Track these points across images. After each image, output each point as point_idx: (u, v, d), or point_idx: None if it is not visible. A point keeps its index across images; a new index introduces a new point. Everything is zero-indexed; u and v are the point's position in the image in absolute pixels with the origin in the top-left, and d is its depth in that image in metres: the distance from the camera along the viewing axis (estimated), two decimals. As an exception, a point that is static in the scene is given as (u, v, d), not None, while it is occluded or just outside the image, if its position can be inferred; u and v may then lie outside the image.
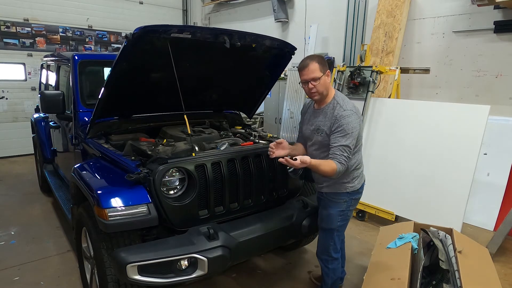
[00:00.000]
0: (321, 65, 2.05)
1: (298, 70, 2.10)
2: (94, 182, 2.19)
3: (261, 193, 2.50)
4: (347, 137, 1.99)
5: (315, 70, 2.03)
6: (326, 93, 2.12)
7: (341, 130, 2.00)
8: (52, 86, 4.01)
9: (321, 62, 2.06)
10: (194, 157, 2.21)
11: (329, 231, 2.27)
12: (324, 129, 2.09)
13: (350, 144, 2.00)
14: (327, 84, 2.10)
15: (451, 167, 3.45)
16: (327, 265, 2.36)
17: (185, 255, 1.92)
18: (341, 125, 2.00)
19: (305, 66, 2.05)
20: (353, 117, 2.04)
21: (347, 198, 2.20)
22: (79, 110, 3.03)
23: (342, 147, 1.99)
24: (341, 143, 1.99)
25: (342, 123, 2.00)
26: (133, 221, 1.96)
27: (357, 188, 2.22)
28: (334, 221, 2.22)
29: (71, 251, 3.24)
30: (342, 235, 2.38)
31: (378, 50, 4.91)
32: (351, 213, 2.31)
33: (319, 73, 2.04)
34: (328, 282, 2.39)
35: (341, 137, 2.00)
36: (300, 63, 2.10)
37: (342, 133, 2.00)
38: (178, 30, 2.23)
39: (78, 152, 3.03)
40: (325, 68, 2.07)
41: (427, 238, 2.58)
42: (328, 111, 2.10)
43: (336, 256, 2.34)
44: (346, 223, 2.32)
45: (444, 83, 4.64)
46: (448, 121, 3.53)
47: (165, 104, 2.91)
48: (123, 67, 2.31)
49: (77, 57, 3.17)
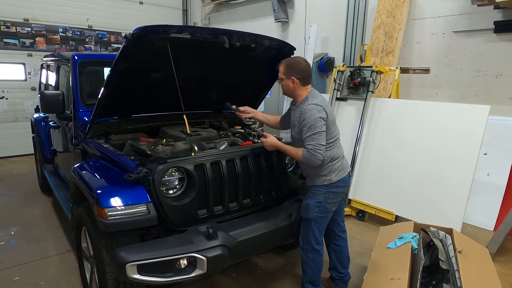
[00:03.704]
0: (287, 69, 2.29)
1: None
2: (94, 181, 2.20)
3: (260, 192, 2.51)
4: (311, 129, 2.16)
5: (280, 71, 2.33)
6: (291, 95, 2.36)
7: (304, 123, 2.19)
8: (52, 86, 4.02)
9: (288, 67, 2.29)
10: (193, 157, 2.22)
11: (307, 220, 2.37)
12: (296, 124, 2.31)
13: (314, 134, 2.15)
14: (289, 87, 2.32)
15: (451, 167, 3.45)
16: (307, 254, 2.41)
17: (184, 254, 1.93)
18: (304, 118, 2.19)
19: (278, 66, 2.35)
20: (314, 110, 2.19)
21: (324, 190, 2.32)
22: (79, 110, 3.04)
23: (307, 138, 2.17)
24: (307, 134, 2.18)
25: (305, 117, 2.19)
26: (132, 220, 1.97)
27: (334, 181, 2.31)
28: (311, 211, 2.33)
29: (71, 251, 3.25)
30: (322, 229, 2.40)
31: (378, 50, 4.91)
32: (330, 206, 2.36)
33: (282, 76, 2.31)
34: (308, 271, 2.43)
35: (306, 129, 2.18)
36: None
37: (306, 126, 2.18)
38: (177, 30, 2.24)
39: (78, 152, 3.03)
40: (291, 74, 2.27)
41: (427, 238, 2.59)
42: (299, 107, 2.31)
43: (317, 248, 2.38)
44: (326, 215, 2.38)
45: (444, 83, 4.64)
46: (448, 121, 3.54)
47: (165, 104, 2.91)
48: (122, 67, 2.32)
49: (77, 57, 3.18)
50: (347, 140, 4.09)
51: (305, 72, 2.29)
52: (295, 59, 2.33)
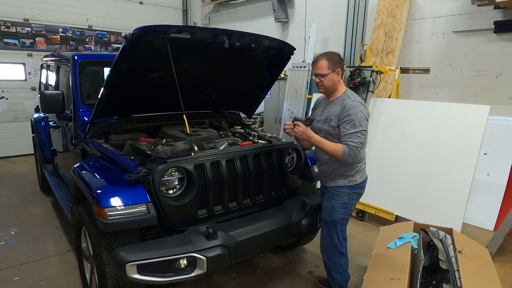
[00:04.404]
0: (330, 63, 2.19)
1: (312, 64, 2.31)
2: (94, 181, 2.20)
3: (260, 192, 2.51)
4: (356, 126, 2.10)
5: (322, 67, 2.20)
6: (333, 89, 2.26)
7: (349, 119, 2.11)
8: (52, 86, 4.02)
9: (331, 60, 2.20)
10: (193, 156, 2.22)
11: (332, 223, 2.33)
12: (333, 118, 2.21)
13: (358, 132, 2.09)
14: (334, 81, 2.23)
15: (451, 167, 3.45)
16: (333, 259, 2.38)
17: (184, 254, 1.93)
18: (349, 114, 2.12)
19: (315, 62, 2.24)
20: (361, 107, 2.15)
21: (349, 191, 2.28)
22: (79, 110, 3.04)
23: (351, 134, 2.09)
24: (350, 131, 2.10)
25: (350, 113, 2.12)
26: (132, 220, 1.97)
27: (359, 182, 2.29)
28: (337, 212, 2.29)
29: (71, 251, 3.25)
30: (344, 232, 2.39)
31: (378, 50, 4.91)
32: (353, 207, 2.37)
33: (326, 71, 2.20)
34: (337, 277, 2.40)
35: (350, 125, 2.10)
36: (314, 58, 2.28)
37: (350, 122, 2.11)
38: (177, 30, 2.24)
39: (77, 152, 3.03)
40: (336, 67, 2.21)
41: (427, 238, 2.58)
42: (338, 103, 2.23)
43: (343, 250, 2.37)
44: (348, 217, 2.37)
45: (444, 83, 4.64)
46: (448, 121, 3.54)
47: (165, 104, 2.92)
48: (122, 67, 2.32)
49: (77, 57, 3.18)
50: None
51: (343, 64, 2.28)
52: (330, 52, 2.27)
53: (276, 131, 6.00)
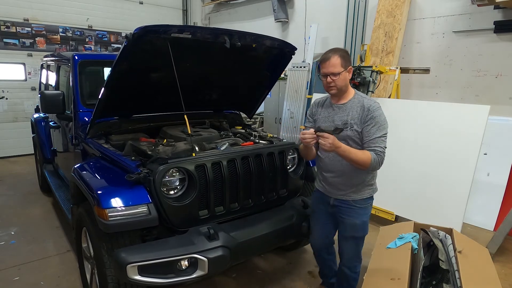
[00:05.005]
0: (343, 60, 1.96)
1: (320, 62, 2.01)
2: (94, 182, 2.19)
3: (261, 193, 2.50)
4: (381, 129, 1.95)
5: (336, 64, 1.95)
6: (346, 89, 2.05)
7: (375, 122, 1.94)
8: (52, 86, 4.01)
9: (344, 57, 1.98)
10: (194, 157, 2.21)
11: (362, 238, 2.22)
12: (354, 122, 1.99)
13: (383, 136, 1.95)
14: (347, 80, 2.02)
15: (451, 167, 3.44)
16: (356, 270, 2.31)
17: (185, 255, 1.92)
18: (374, 116, 1.94)
19: (327, 59, 1.96)
20: (381, 109, 2.00)
21: (371, 201, 2.18)
22: (79, 110, 3.03)
23: (377, 139, 1.93)
24: (376, 135, 1.93)
25: (375, 115, 1.94)
26: (133, 221, 1.96)
27: (376, 189, 2.19)
28: (366, 227, 2.18)
29: (71, 251, 3.24)
30: None
31: (378, 50, 4.91)
32: None
33: (340, 68, 1.95)
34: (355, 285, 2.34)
35: (375, 129, 1.94)
36: (323, 55, 2.01)
37: (376, 125, 1.94)
38: (178, 30, 2.23)
39: (78, 152, 3.02)
40: (348, 64, 1.99)
41: (427, 238, 2.58)
42: (355, 105, 2.02)
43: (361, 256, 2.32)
44: None
45: (444, 83, 4.64)
46: (448, 121, 3.53)
47: (165, 104, 2.91)
48: (123, 67, 2.31)
49: (77, 57, 3.17)
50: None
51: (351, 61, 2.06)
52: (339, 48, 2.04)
53: (276, 131, 5.99)
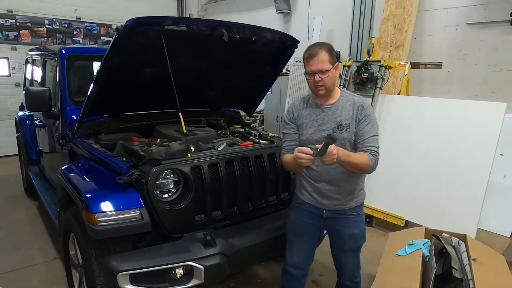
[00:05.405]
0: (331, 55, 1.92)
1: (305, 59, 1.95)
2: (83, 184, 2.20)
3: (261, 196, 2.51)
4: (375, 128, 1.95)
5: (324, 61, 1.88)
6: (333, 88, 2.00)
7: (369, 120, 1.94)
8: (37, 82, 4.02)
9: (331, 52, 1.93)
10: (189, 158, 2.22)
11: (360, 248, 2.21)
12: (349, 123, 1.95)
13: (376, 135, 1.95)
14: (335, 78, 1.99)
15: (465, 169, 3.44)
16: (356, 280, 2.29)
17: (180, 263, 1.93)
18: (368, 114, 1.94)
19: (314, 55, 1.88)
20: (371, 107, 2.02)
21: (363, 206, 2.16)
22: (67, 107, 3.03)
23: (371, 138, 1.92)
24: (371, 133, 1.92)
25: (368, 113, 1.94)
26: (124, 226, 1.97)
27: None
28: (364, 235, 2.16)
29: (57, 259, 3.24)
30: None
31: (387, 43, 4.91)
32: None
33: (328, 65, 1.89)
34: None
35: (369, 127, 1.93)
36: (307, 51, 1.94)
37: (370, 123, 1.93)
38: (172, 22, 2.24)
39: (65, 153, 3.03)
40: (334, 60, 1.94)
41: (439, 244, 2.58)
42: (345, 103, 1.99)
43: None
44: None
45: (458, 79, 4.64)
46: (462, 119, 3.53)
47: (159, 101, 2.92)
48: (113, 61, 2.31)
49: (65, 51, 3.17)
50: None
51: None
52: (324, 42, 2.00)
53: (278, 130, 6.00)
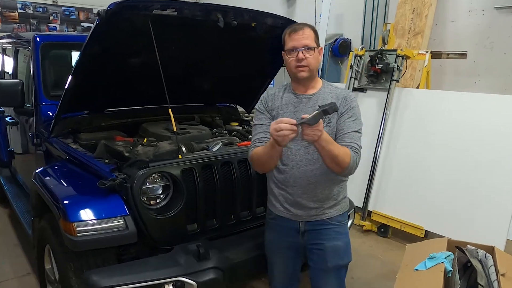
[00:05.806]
0: (316, 36, 1.95)
1: (286, 35, 1.94)
2: (60, 190, 2.21)
3: (261, 203, 2.50)
4: (358, 123, 1.95)
5: (309, 36, 1.90)
6: (315, 75, 2.02)
7: (352, 113, 1.93)
8: (8, 74, 4.02)
9: (316, 32, 1.97)
10: (180, 160, 2.23)
11: (344, 267, 2.11)
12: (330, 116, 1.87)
13: (359, 131, 1.95)
14: (319, 62, 2.01)
15: (491, 172, 3.45)
16: None
17: (169, 278, 1.93)
18: (352, 107, 1.94)
19: (299, 29, 1.90)
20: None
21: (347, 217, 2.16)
22: (42, 103, 3.04)
23: (353, 133, 1.91)
24: (353, 128, 1.92)
25: (352, 105, 1.95)
26: (107, 237, 1.97)
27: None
28: (349, 252, 2.10)
29: (31, 274, 3.24)
30: None
31: (404, 30, 4.92)
32: None
33: (314, 43, 1.91)
34: None
35: (352, 121, 1.93)
36: (290, 27, 1.96)
37: (353, 117, 1.93)
38: (161, 6, 2.24)
39: (40, 154, 3.04)
40: (319, 43, 1.97)
41: (464, 258, 2.59)
42: (327, 95, 1.98)
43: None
44: None
45: (484, 70, 4.65)
46: (489, 116, 3.54)
47: (146, 96, 2.92)
48: (95, 50, 2.31)
49: (39, 38, 3.18)
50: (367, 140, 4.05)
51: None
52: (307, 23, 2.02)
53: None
